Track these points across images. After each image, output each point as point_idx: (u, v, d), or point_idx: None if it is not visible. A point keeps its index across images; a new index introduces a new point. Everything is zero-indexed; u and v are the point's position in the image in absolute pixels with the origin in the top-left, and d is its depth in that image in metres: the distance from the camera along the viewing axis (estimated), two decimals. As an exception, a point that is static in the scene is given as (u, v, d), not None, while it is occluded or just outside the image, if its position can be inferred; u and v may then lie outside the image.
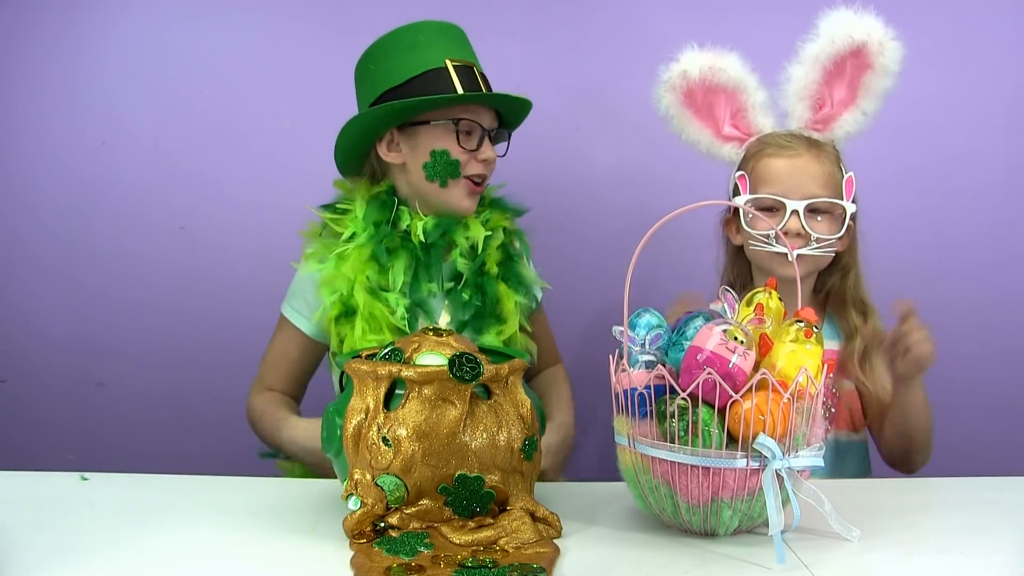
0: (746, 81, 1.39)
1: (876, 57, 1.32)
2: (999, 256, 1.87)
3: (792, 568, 0.92)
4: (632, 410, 1.00)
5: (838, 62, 1.34)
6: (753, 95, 1.39)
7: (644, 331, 1.04)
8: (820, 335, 0.99)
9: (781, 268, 1.35)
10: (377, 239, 1.44)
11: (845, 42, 1.31)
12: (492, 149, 1.47)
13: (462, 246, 1.47)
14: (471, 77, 1.43)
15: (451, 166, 1.44)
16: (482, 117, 1.46)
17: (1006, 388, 1.88)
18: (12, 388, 1.90)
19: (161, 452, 1.83)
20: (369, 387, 0.99)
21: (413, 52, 1.43)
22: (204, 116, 1.86)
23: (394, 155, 1.47)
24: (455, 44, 1.46)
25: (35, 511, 1.06)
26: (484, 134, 1.45)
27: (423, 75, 1.41)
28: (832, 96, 1.36)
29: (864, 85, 1.34)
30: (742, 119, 1.41)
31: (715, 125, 1.42)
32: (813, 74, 1.34)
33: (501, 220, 1.52)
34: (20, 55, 1.85)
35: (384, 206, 1.47)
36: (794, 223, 1.33)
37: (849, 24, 1.31)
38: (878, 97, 1.35)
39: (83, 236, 1.88)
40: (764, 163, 1.37)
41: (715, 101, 1.41)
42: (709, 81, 1.38)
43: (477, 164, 1.46)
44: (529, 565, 0.89)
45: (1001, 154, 1.86)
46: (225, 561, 0.93)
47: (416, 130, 1.45)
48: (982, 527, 1.04)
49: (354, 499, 0.97)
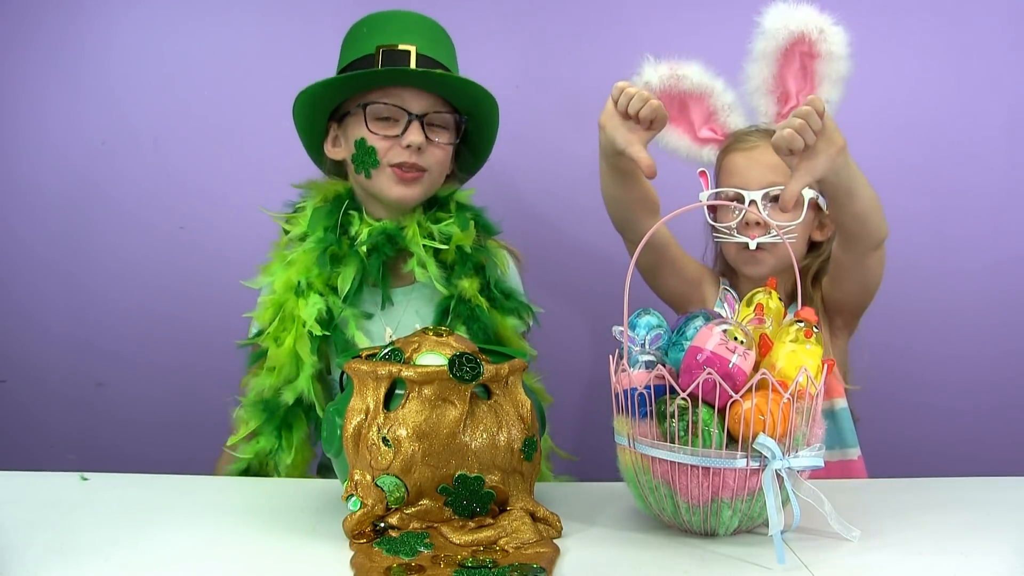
0: (711, 85, 1.41)
1: (819, 44, 1.33)
2: (999, 256, 1.87)
3: (792, 568, 0.92)
4: (632, 410, 1.00)
5: (786, 54, 1.36)
6: (721, 97, 1.42)
7: (644, 331, 1.04)
8: (820, 335, 1.00)
9: (745, 266, 1.37)
10: (324, 244, 1.39)
11: (783, 35, 1.33)
12: (420, 133, 1.36)
13: (419, 255, 1.40)
14: (402, 60, 1.35)
15: (369, 154, 1.37)
16: (407, 101, 1.37)
17: (1006, 388, 1.88)
18: (12, 388, 1.90)
19: (161, 452, 1.83)
20: (369, 387, 0.99)
21: (353, 44, 1.41)
22: (204, 116, 1.86)
23: (338, 151, 1.44)
24: (397, 30, 1.38)
25: (35, 511, 1.06)
26: (411, 119, 1.37)
27: (350, 64, 1.38)
28: (791, 88, 1.37)
29: (817, 73, 1.36)
30: (715, 121, 1.44)
31: (691, 131, 1.45)
32: (767, 70, 1.37)
33: (463, 239, 1.42)
34: (21, 55, 1.85)
35: (333, 210, 1.42)
36: (752, 213, 1.34)
37: (785, 17, 1.33)
38: (836, 83, 1.36)
39: (83, 236, 1.88)
40: (727, 158, 1.41)
41: (685, 108, 1.44)
42: (673, 89, 1.40)
43: (401, 151, 1.37)
44: (529, 565, 0.89)
45: (1001, 154, 1.86)
46: (225, 561, 0.93)
47: (345, 122, 1.41)
48: (982, 527, 1.04)
49: (354, 500, 0.97)
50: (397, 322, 1.43)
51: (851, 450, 1.43)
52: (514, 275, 1.52)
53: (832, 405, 1.42)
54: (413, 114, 1.37)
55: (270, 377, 1.37)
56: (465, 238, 1.42)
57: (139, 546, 0.96)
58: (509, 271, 1.50)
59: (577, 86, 1.86)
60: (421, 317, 1.43)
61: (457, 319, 1.40)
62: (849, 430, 1.43)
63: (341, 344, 1.38)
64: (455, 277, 1.41)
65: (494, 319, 1.41)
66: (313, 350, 1.36)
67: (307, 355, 1.36)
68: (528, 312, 1.47)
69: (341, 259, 1.40)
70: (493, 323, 1.41)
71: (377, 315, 1.42)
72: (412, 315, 1.43)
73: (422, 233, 1.41)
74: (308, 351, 1.36)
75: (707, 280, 1.48)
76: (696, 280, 1.47)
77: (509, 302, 1.44)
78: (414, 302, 1.44)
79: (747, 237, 1.33)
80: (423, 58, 1.37)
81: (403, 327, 1.42)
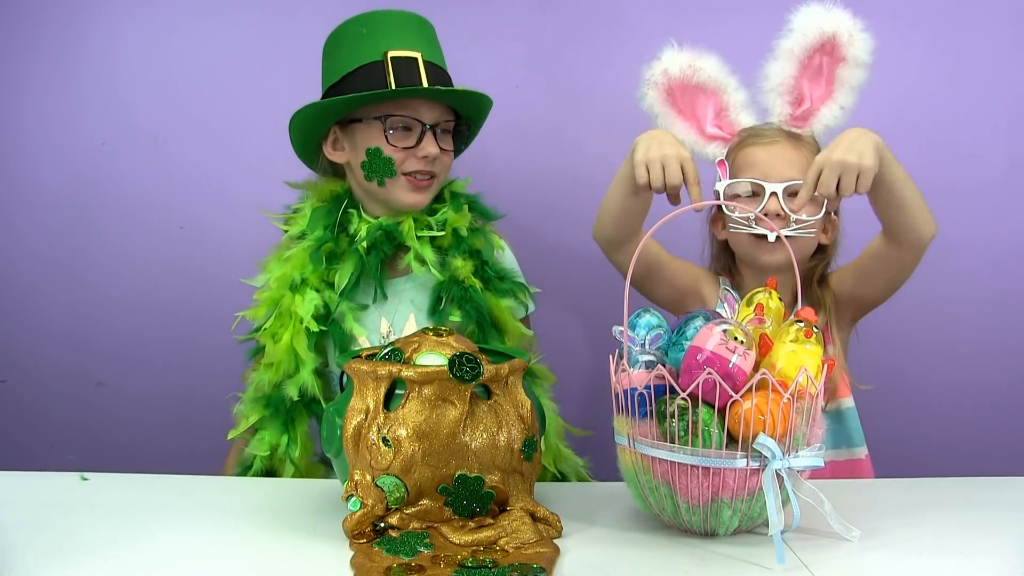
0: (726, 81, 1.41)
1: (847, 48, 1.34)
2: (1000, 255, 1.87)
3: (792, 568, 0.92)
4: (632, 410, 1.00)
5: (812, 56, 1.36)
6: (733, 95, 1.42)
7: (644, 331, 1.04)
8: (820, 335, 1.00)
9: (762, 255, 1.36)
10: (320, 242, 1.41)
11: (816, 35, 1.34)
12: (435, 144, 1.40)
13: (415, 249, 1.41)
14: (411, 70, 1.37)
15: (385, 165, 1.39)
16: (421, 112, 1.40)
17: (1006, 387, 1.88)
18: (12, 388, 1.90)
19: (161, 452, 1.84)
20: (369, 387, 0.99)
21: (355, 45, 1.40)
22: (204, 116, 1.86)
23: (339, 154, 1.45)
24: (400, 34, 1.40)
25: (35, 511, 1.06)
26: (425, 129, 1.39)
27: (359, 70, 1.39)
28: (809, 91, 1.38)
29: (839, 78, 1.36)
30: (724, 118, 1.43)
31: (698, 125, 1.45)
32: (789, 70, 1.37)
33: (458, 221, 1.44)
34: (22, 56, 1.85)
35: (332, 209, 1.44)
36: (773, 204, 1.34)
37: (819, 18, 1.34)
38: (853, 90, 1.37)
39: (84, 236, 1.88)
40: (744, 152, 1.40)
41: (696, 101, 1.43)
42: (689, 79, 1.40)
43: (416, 161, 1.40)
44: (529, 565, 0.89)
45: (1001, 154, 1.86)
46: (225, 561, 0.93)
47: (353, 128, 1.42)
48: (982, 527, 1.04)
49: (354, 500, 0.97)
50: (394, 311, 1.44)
51: (858, 449, 1.43)
52: (510, 258, 1.53)
53: (839, 404, 1.42)
54: (427, 125, 1.40)
55: (268, 372, 1.40)
56: (459, 220, 1.44)
57: (139, 546, 0.96)
58: (505, 253, 1.51)
59: (577, 85, 1.86)
60: (416, 306, 1.44)
61: (451, 302, 1.41)
62: (856, 429, 1.43)
63: (339, 338, 1.40)
64: (449, 258, 1.42)
65: (488, 300, 1.42)
66: (311, 346, 1.39)
67: (304, 351, 1.38)
68: (525, 293, 1.48)
69: (340, 256, 1.42)
70: (487, 304, 1.42)
71: (372, 306, 1.44)
72: (408, 304, 1.44)
73: (418, 227, 1.43)
74: (305, 347, 1.38)
75: (704, 281, 1.47)
76: (691, 287, 1.47)
77: (504, 283, 1.45)
78: (410, 291, 1.45)
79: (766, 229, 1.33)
80: (429, 65, 1.39)
81: (399, 316, 1.44)
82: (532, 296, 1.50)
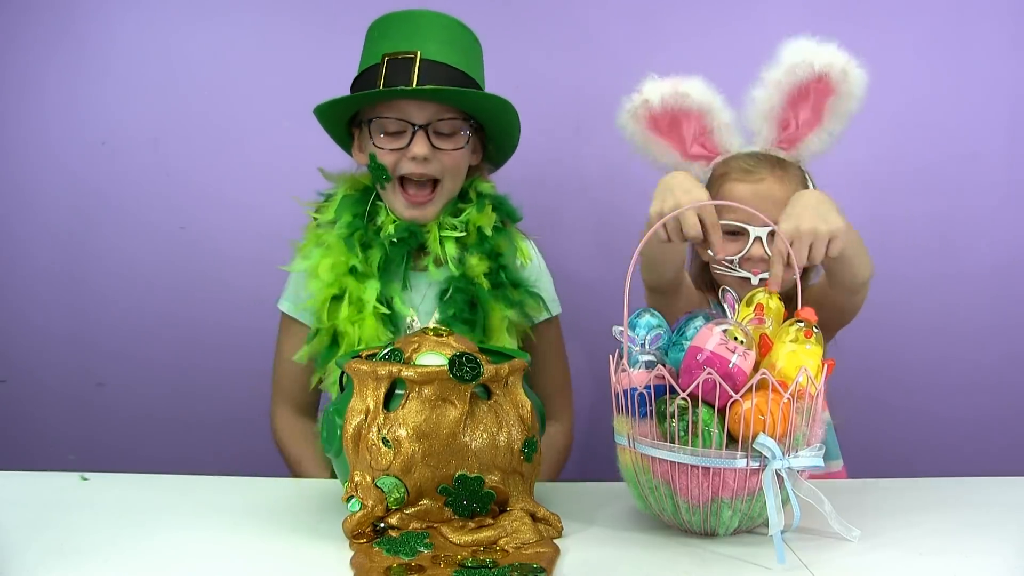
0: (712, 103, 1.38)
1: (839, 84, 1.31)
2: (999, 257, 1.87)
3: (792, 568, 0.92)
4: (632, 410, 1.00)
5: (801, 88, 1.33)
6: (719, 116, 1.39)
7: (644, 331, 1.04)
8: (820, 335, 1.00)
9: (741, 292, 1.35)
10: (351, 230, 1.42)
11: (806, 72, 1.30)
12: (425, 144, 1.36)
13: (434, 251, 1.42)
14: (400, 69, 1.35)
15: (379, 169, 1.39)
16: (410, 112, 1.37)
17: (1006, 389, 1.88)
18: (12, 388, 1.90)
19: (161, 452, 1.84)
20: (369, 387, 0.99)
21: (367, 48, 1.42)
22: (204, 117, 1.86)
23: (360, 156, 1.46)
24: (403, 34, 1.38)
25: (35, 511, 1.06)
26: (415, 130, 1.36)
27: (363, 74, 1.39)
28: (797, 118, 1.35)
29: (828, 108, 1.34)
30: (708, 139, 1.41)
31: (681, 146, 1.42)
32: (776, 98, 1.34)
33: (481, 220, 1.44)
34: (21, 56, 1.85)
35: (361, 199, 1.45)
36: (757, 249, 1.33)
37: (810, 54, 1.30)
38: (843, 119, 1.34)
39: (83, 236, 1.88)
40: (728, 188, 1.37)
41: (679, 124, 1.41)
42: (672, 108, 1.38)
43: (407, 163, 1.38)
44: (529, 565, 0.89)
45: (1001, 154, 1.86)
46: (225, 561, 0.93)
47: (362, 131, 1.43)
48: (982, 527, 1.04)
49: (354, 501, 0.97)
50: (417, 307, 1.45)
51: (834, 463, 1.43)
52: (538, 269, 1.52)
53: None
54: (417, 125, 1.37)
55: None
56: (482, 219, 1.44)
57: (139, 546, 0.96)
58: (532, 264, 1.50)
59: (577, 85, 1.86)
60: None
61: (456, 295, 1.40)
62: (832, 443, 1.42)
63: (400, 320, 1.42)
64: (467, 255, 1.42)
65: (488, 304, 1.42)
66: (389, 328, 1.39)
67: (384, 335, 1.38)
68: (536, 307, 1.48)
69: (369, 244, 1.42)
70: (487, 307, 1.42)
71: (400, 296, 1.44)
72: (431, 300, 1.45)
73: (443, 229, 1.43)
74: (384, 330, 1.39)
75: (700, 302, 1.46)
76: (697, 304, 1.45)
77: (515, 292, 1.44)
78: (435, 286, 1.45)
79: (749, 272, 1.31)
80: (428, 63, 1.35)
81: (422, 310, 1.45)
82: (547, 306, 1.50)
